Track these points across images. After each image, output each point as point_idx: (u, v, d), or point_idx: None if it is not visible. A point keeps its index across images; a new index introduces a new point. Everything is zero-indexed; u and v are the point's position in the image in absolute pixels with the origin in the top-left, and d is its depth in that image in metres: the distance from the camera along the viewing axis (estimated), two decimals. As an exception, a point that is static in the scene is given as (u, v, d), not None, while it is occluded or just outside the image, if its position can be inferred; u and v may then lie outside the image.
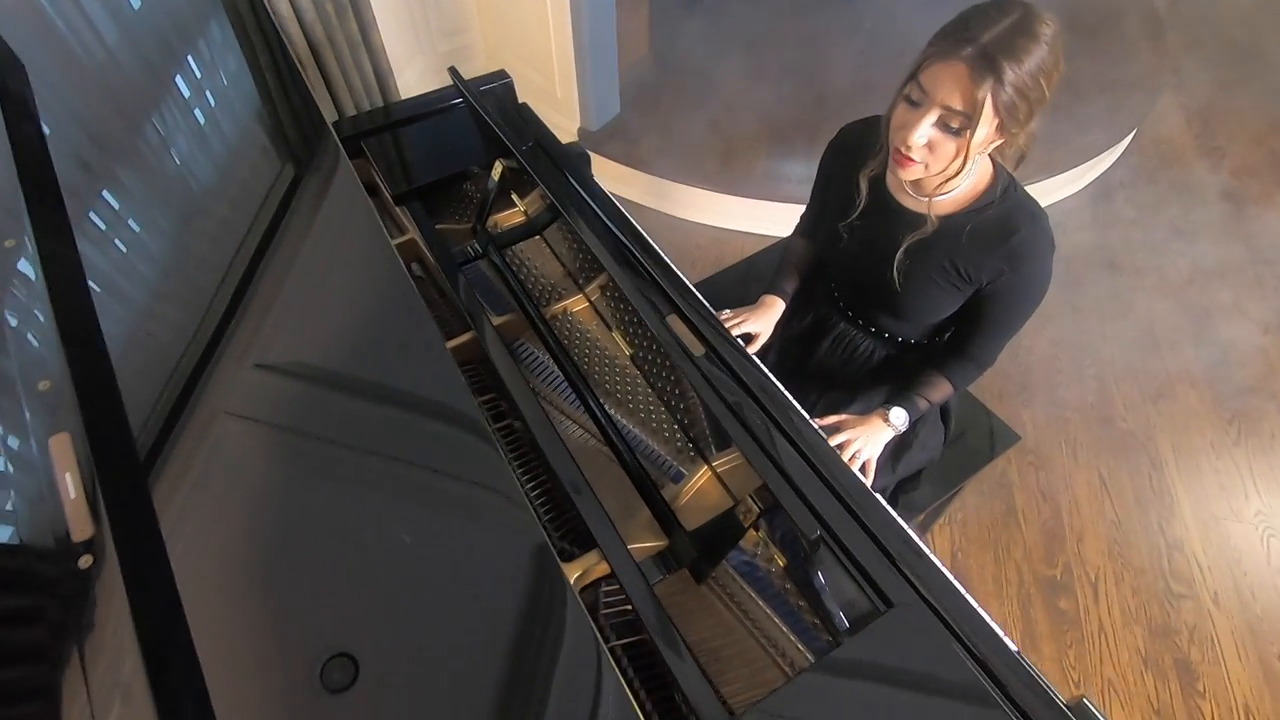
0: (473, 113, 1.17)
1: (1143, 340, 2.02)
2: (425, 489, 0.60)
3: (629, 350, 0.97)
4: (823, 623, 0.69)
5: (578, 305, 1.05)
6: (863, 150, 1.04)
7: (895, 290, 1.04)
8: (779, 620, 0.71)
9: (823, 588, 0.69)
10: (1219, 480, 1.74)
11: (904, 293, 1.04)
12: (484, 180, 1.16)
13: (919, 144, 0.86)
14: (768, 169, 2.30)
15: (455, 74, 1.14)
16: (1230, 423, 1.84)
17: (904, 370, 1.16)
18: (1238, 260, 2.20)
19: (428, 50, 2.43)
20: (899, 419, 1.05)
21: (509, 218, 1.18)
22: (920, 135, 0.85)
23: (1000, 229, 0.95)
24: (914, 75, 0.84)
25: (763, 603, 0.73)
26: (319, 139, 0.89)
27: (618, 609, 0.72)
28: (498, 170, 1.10)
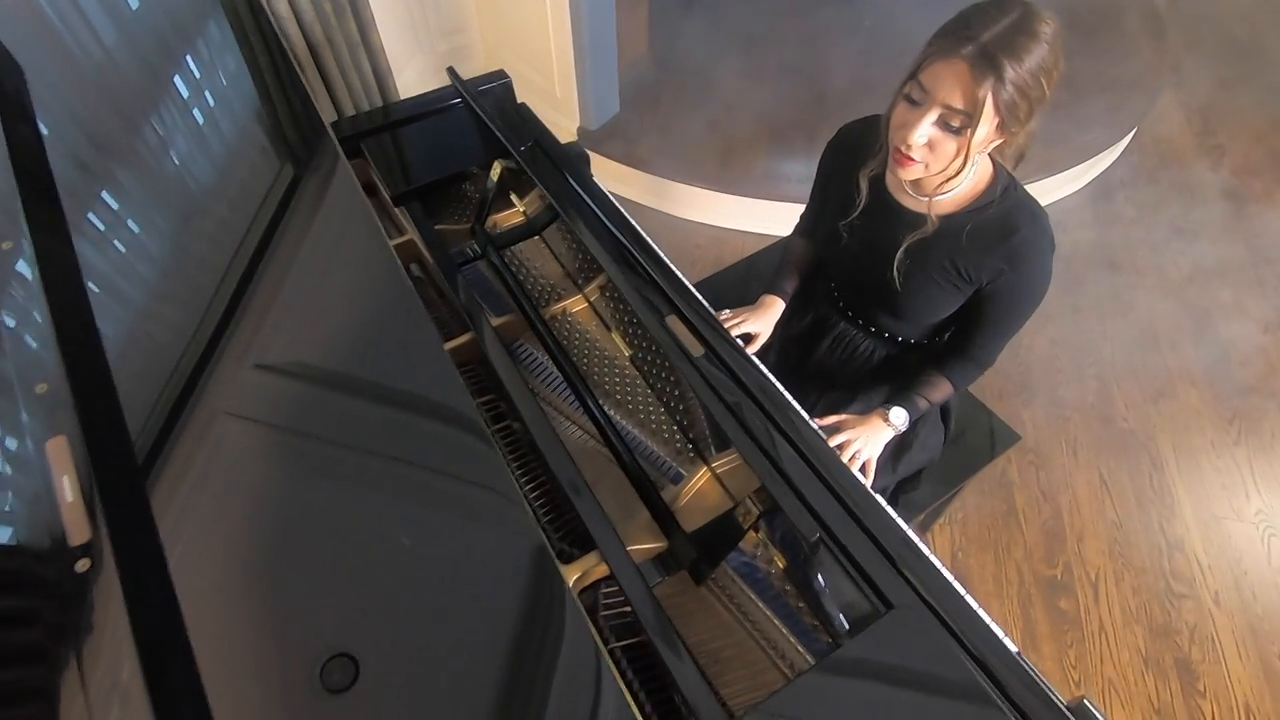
0: (471, 113, 1.17)
1: (1143, 339, 2.01)
2: (422, 490, 0.60)
3: (628, 351, 0.97)
4: (822, 624, 0.69)
5: (577, 306, 1.04)
6: (862, 150, 1.04)
7: (895, 290, 1.04)
8: (779, 622, 0.71)
9: (822, 589, 0.69)
10: (1220, 480, 1.74)
11: (904, 293, 1.04)
12: (483, 180, 1.15)
13: (919, 143, 0.86)
14: (767, 168, 2.29)
15: (454, 74, 1.14)
16: (1231, 422, 1.84)
17: (904, 370, 1.16)
18: (1238, 259, 2.20)
19: (427, 50, 2.43)
20: (899, 419, 1.05)
21: (508, 218, 1.18)
22: (921, 134, 0.85)
23: (1000, 229, 0.95)
24: (914, 74, 0.84)
25: (762, 604, 0.72)
26: (317, 140, 0.89)
27: (617, 610, 0.72)
28: (496, 170, 1.10)
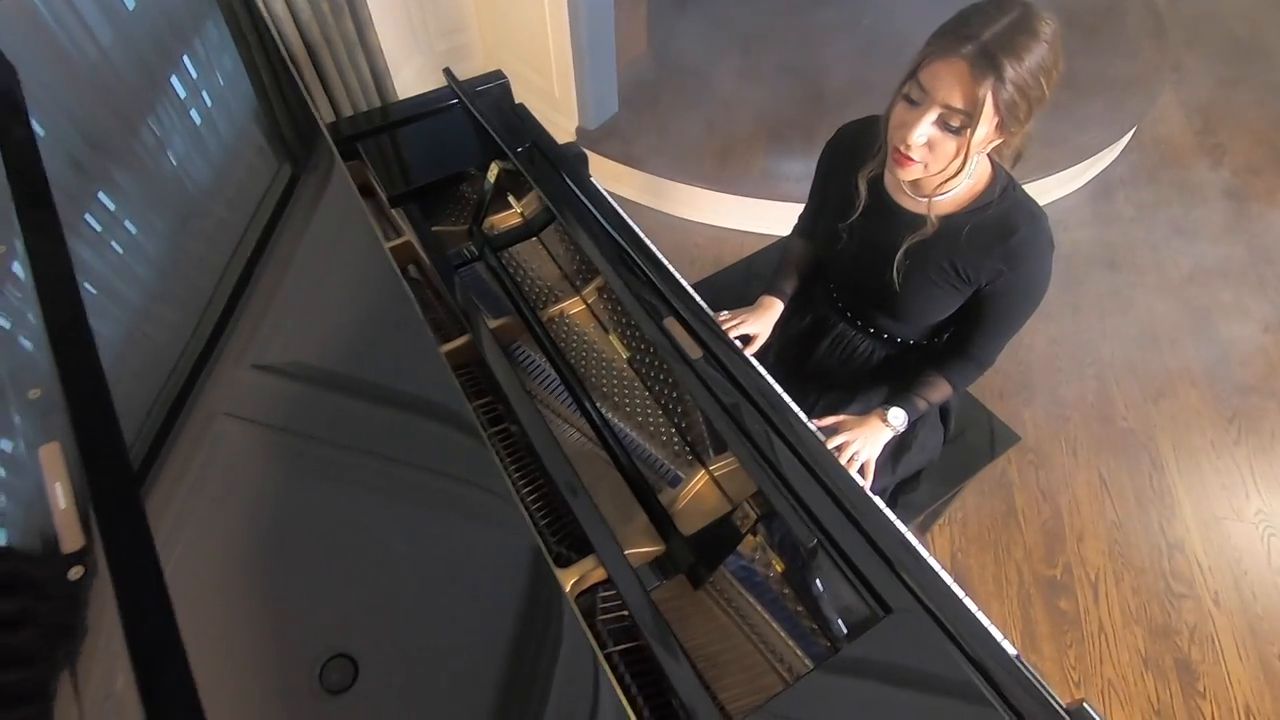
0: (468, 114, 1.16)
1: (1143, 339, 2.01)
2: (418, 491, 0.59)
3: (626, 353, 0.97)
4: (821, 628, 0.69)
5: (575, 308, 1.04)
6: (861, 150, 1.03)
7: (894, 291, 1.04)
8: (777, 626, 0.71)
9: (820, 593, 0.69)
10: (1220, 479, 1.73)
11: (903, 293, 1.04)
12: (480, 182, 1.15)
13: (918, 143, 0.85)
14: (766, 167, 2.29)
15: (450, 75, 1.13)
16: (1231, 422, 1.83)
17: (903, 370, 1.15)
18: (1239, 258, 2.19)
19: (425, 49, 2.42)
20: (897, 419, 1.05)
21: (505, 219, 1.18)
22: (920, 134, 0.84)
23: (999, 229, 0.95)
24: (913, 74, 0.84)
25: (761, 608, 0.72)
26: (313, 142, 0.89)
27: (615, 614, 0.71)
28: (494, 172, 1.10)
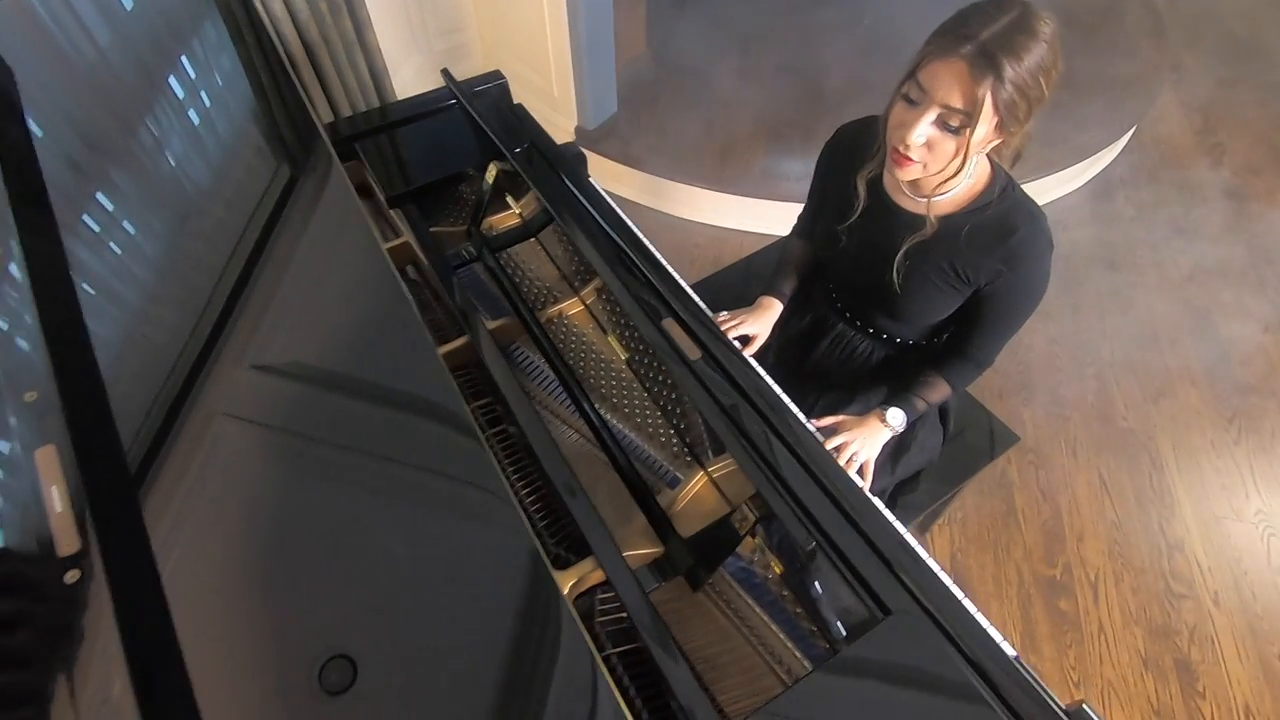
0: (466, 115, 1.16)
1: (1143, 339, 2.01)
2: (416, 492, 0.59)
3: (625, 354, 0.97)
4: (820, 630, 0.69)
5: (573, 309, 1.04)
6: (860, 150, 1.03)
7: (894, 292, 1.04)
8: (776, 627, 0.71)
9: (820, 595, 0.69)
10: (1219, 479, 1.73)
11: (902, 294, 1.04)
12: (479, 182, 1.15)
13: (918, 143, 0.85)
14: (765, 167, 2.29)
15: (448, 76, 1.13)
16: (1231, 421, 1.83)
17: (903, 371, 1.15)
18: (1239, 258, 2.19)
19: (424, 49, 2.42)
20: (896, 420, 1.05)
21: (504, 220, 1.17)
22: (919, 134, 0.84)
23: (999, 229, 0.95)
24: (912, 73, 0.84)
25: (760, 610, 0.72)
26: (311, 142, 0.89)
27: (613, 616, 0.71)
28: (492, 172, 1.09)
